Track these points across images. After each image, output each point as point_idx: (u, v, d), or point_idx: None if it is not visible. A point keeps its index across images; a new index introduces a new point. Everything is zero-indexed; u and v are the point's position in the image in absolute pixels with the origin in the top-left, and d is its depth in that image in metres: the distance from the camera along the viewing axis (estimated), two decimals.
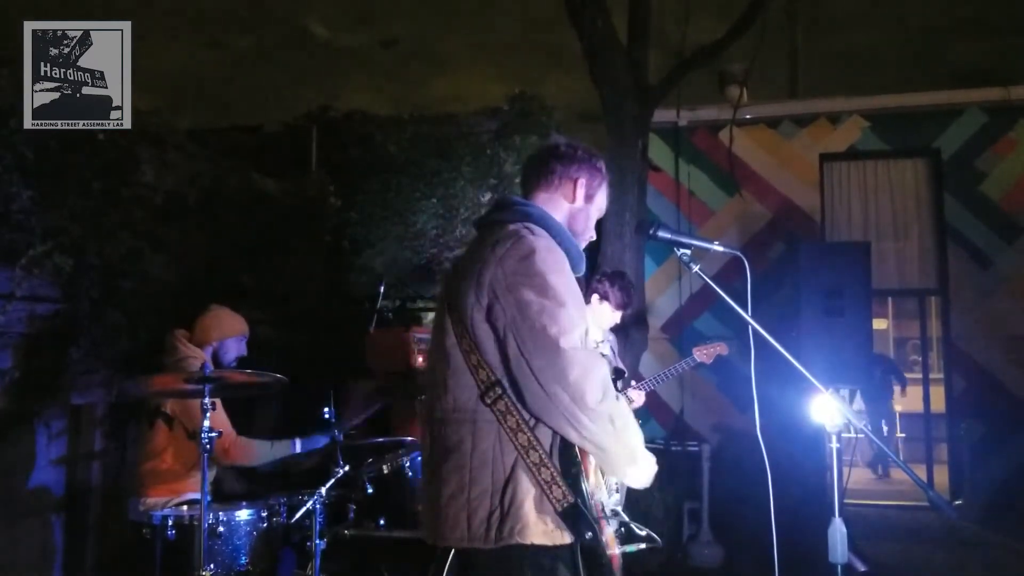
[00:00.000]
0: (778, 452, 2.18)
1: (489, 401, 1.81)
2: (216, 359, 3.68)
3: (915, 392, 8.95)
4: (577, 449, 1.82)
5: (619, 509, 1.98)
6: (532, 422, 1.80)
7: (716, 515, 5.68)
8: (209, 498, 2.96)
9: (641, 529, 2.02)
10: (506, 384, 1.81)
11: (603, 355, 3.15)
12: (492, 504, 1.79)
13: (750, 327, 2.08)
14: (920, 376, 8.73)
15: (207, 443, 2.87)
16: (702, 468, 5.79)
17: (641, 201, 6.41)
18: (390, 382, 4.97)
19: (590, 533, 1.78)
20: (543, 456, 1.79)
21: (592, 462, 1.91)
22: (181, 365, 3.51)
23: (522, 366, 1.77)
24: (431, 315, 6.86)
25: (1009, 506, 6.46)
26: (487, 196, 6.88)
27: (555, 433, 1.81)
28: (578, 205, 2.10)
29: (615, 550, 1.89)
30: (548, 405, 1.76)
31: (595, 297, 4.01)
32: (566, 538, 1.80)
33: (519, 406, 1.80)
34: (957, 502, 6.98)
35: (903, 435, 9.85)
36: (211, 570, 2.96)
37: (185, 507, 3.30)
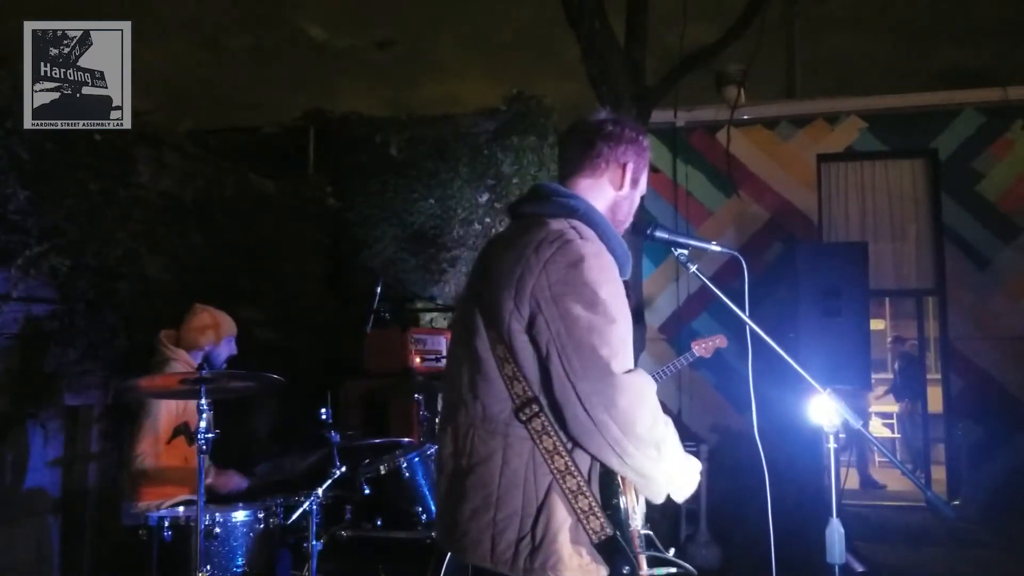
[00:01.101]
0: (776, 453, 2.18)
1: (524, 418, 1.66)
2: (208, 359, 3.67)
3: None
4: (619, 476, 1.71)
5: (651, 533, 1.89)
6: (570, 445, 1.66)
7: (714, 516, 5.67)
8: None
9: (669, 559, 1.93)
10: (544, 403, 1.66)
11: None
12: (522, 530, 1.65)
13: (748, 327, 2.08)
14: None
15: (204, 445, 2.87)
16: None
17: (639, 202, 6.40)
18: (387, 383, 4.96)
19: (627, 568, 1.65)
20: (581, 483, 1.64)
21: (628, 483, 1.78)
22: (162, 368, 3.50)
23: (567, 389, 1.61)
24: (429, 315, 6.86)
25: (1007, 506, 6.47)
26: (485, 197, 6.89)
27: (594, 458, 1.68)
28: (624, 192, 1.92)
29: (645, 571, 1.77)
30: (593, 432, 1.61)
31: None
32: (602, 571, 1.68)
33: (556, 426, 1.65)
34: (955, 502, 6.98)
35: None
36: (208, 571, 2.95)
37: (181, 508, 3.29)
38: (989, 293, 7.43)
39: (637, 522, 1.80)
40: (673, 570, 1.90)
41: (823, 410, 2.42)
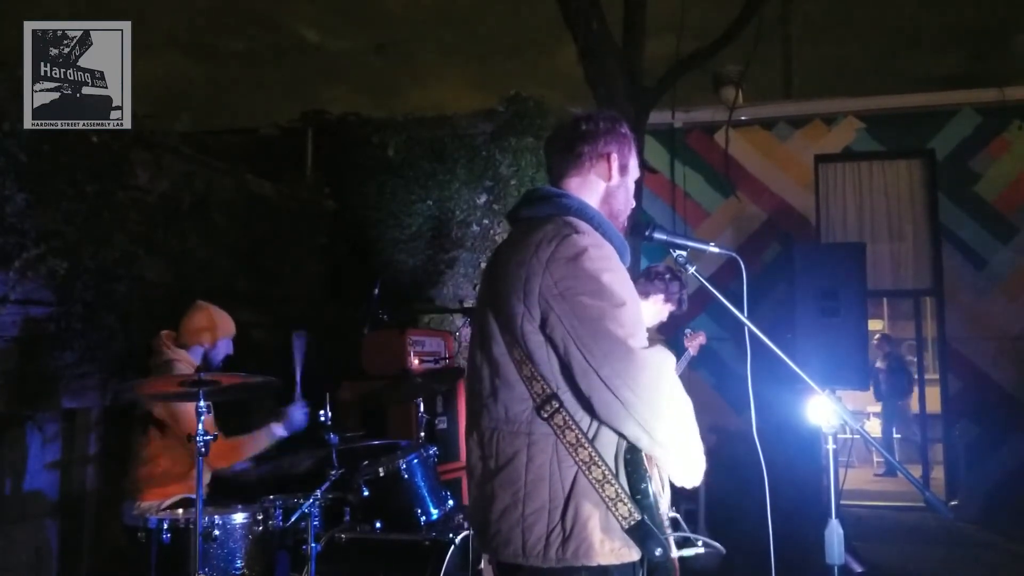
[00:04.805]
0: (774, 453, 2.18)
1: (546, 415, 1.70)
2: (205, 359, 3.66)
3: None
4: (646, 461, 1.73)
5: (678, 516, 1.91)
6: (592, 435, 1.70)
7: (712, 516, 5.67)
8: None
9: (697, 539, 1.95)
10: (563, 397, 1.70)
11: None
12: (551, 522, 1.69)
13: (746, 328, 2.08)
14: (915, 377, 8.77)
15: (202, 446, 2.86)
16: None
17: (636, 202, 6.41)
18: (386, 384, 4.95)
19: (660, 550, 1.69)
20: (606, 472, 1.68)
21: (655, 469, 1.81)
22: (165, 369, 3.49)
23: (590, 377, 1.64)
24: (427, 317, 6.86)
25: (1005, 506, 6.48)
26: (482, 198, 6.89)
27: (618, 447, 1.72)
28: (615, 182, 1.97)
29: (673, 553, 1.80)
30: (622, 412, 1.64)
31: (659, 297, 3.89)
32: (634, 555, 1.71)
33: (576, 419, 1.70)
34: (953, 502, 7.00)
35: (899, 435, 9.88)
36: (206, 574, 2.94)
37: (180, 510, 3.29)
38: (986, 293, 7.44)
39: (664, 506, 1.83)
40: (701, 550, 1.92)
41: (821, 411, 2.42)
